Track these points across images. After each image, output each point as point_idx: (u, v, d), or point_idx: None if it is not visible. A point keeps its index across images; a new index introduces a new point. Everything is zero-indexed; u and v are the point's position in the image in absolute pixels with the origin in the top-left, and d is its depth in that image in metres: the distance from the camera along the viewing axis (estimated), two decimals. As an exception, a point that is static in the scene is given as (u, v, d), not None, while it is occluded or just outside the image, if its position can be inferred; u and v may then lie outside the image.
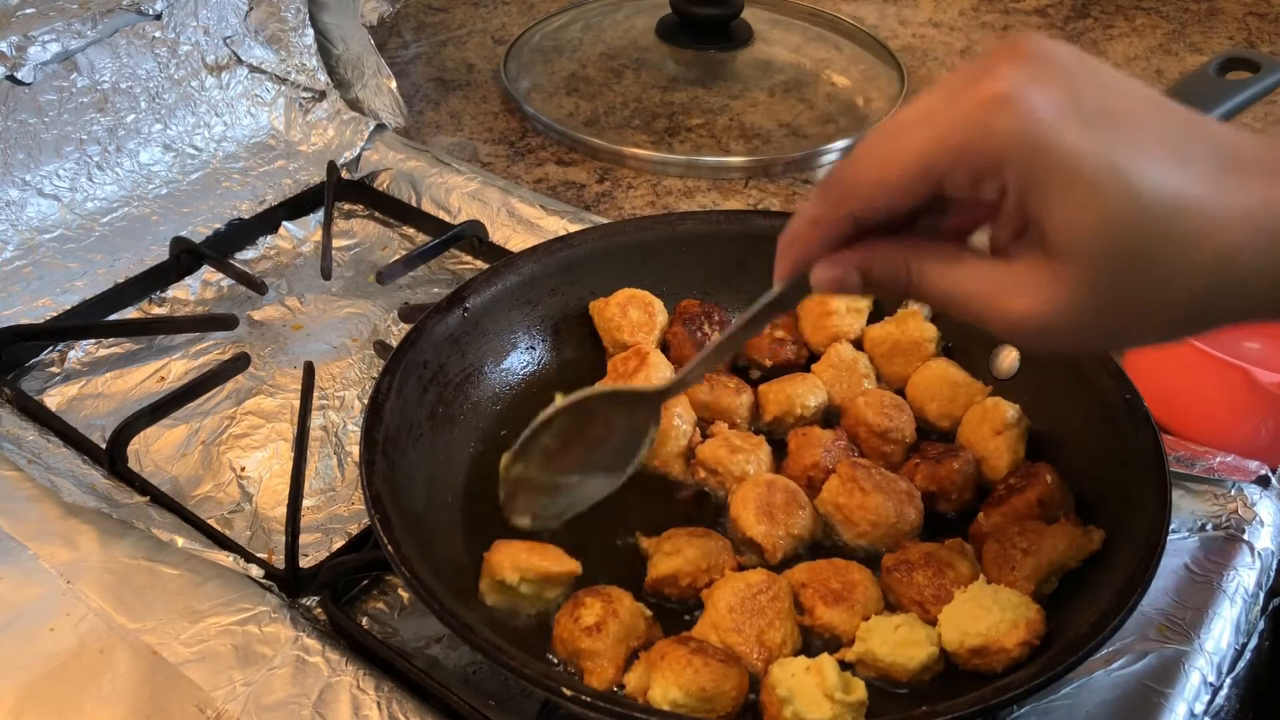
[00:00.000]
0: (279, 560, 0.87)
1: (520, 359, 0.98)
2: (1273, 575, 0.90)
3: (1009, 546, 0.79)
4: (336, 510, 0.94)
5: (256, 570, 0.84)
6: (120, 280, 1.14)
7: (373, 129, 1.33)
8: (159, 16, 1.25)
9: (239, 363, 1.04)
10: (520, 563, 0.77)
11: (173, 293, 1.16)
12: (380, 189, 1.29)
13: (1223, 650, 0.83)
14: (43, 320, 1.10)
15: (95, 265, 1.16)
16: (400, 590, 0.86)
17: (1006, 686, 0.68)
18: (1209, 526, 0.90)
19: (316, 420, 1.00)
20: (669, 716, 0.69)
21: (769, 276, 0.65)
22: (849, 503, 0.84)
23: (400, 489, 0.80)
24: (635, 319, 0.98)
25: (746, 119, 1.45)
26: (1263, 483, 0.93)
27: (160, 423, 0.99)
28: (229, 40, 1.32)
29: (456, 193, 1.26)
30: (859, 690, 0.70)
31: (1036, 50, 0.52)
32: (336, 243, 1.22)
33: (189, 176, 1.28)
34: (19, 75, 1.14)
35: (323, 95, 1.36)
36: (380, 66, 1.38)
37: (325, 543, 0.90)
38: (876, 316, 1.00)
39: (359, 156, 1.32)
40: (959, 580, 0.78)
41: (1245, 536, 0.89)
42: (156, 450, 0.98)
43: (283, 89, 1.36)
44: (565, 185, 1.34)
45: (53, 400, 1.03)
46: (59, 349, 1.08)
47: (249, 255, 1.21)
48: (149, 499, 0.91)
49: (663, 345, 0.99)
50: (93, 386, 1.05)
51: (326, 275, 1.16)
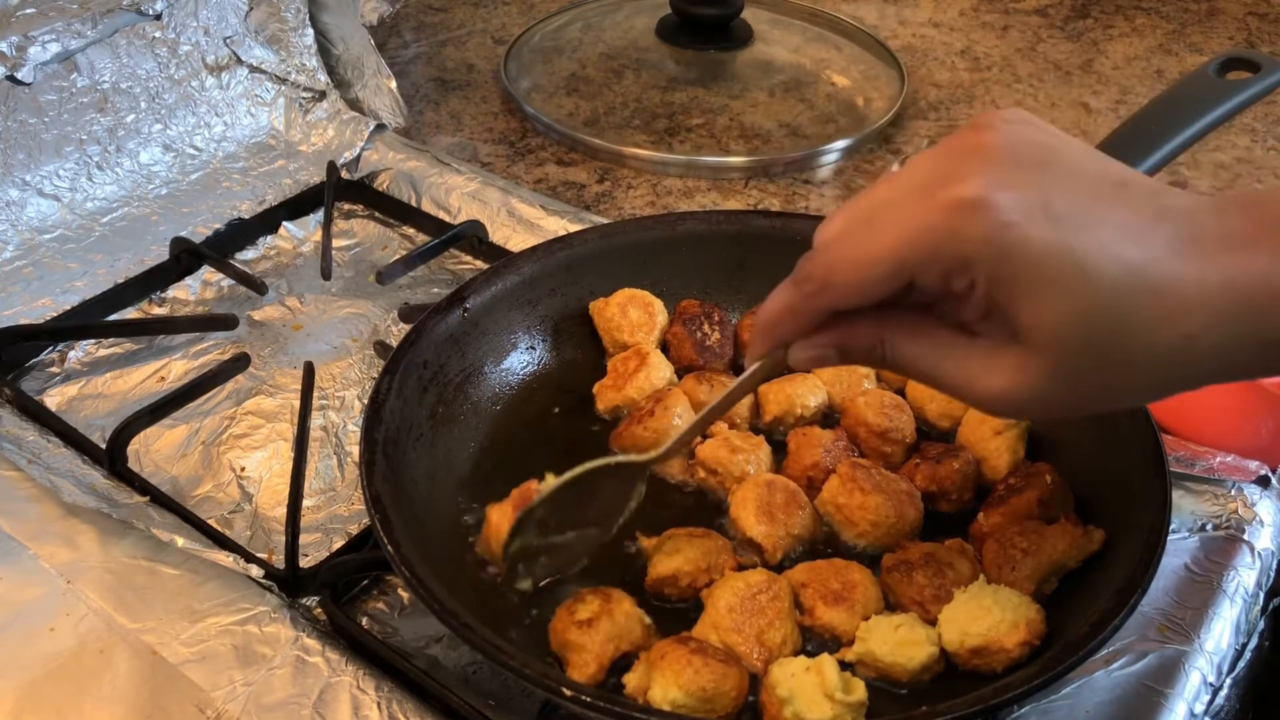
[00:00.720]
0: (279, 560, 0.87)
1: (520, 359, 0.98)
2: (1273, 575, 0.90)
3: (1009, 546, 0.79)
4: (336, 510, 0.94)
5: (256, 570, 0.84)
6: (120, 280, 1.14)
7: (373, 129, 1.33)
8: (159, 16, 1.25)
9: (239, 363, 1.04)
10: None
11: (173, 293, 1.16)
12: (380, 189, 1.29)
13: (1223, 650, 0.83)
14: (43, 320, 1.10)
15: (95, 265, 1.16)
16: (400, 590, 0.86)
17: (1006, 686, 0.68)
18: (1209, 526, 0.90)
19: (316, 420, 1.00)
20: (669, 716, 0.69)
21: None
22: (849, 503, 0.84)
23: (400, 489, 0.80)
24: (635, 319, 0.98)
25: (746, 119, 1.45)
26: (1263, 483, 0.93)
27: (160, 423, 0.99)
28: (229, 40, 1.32)
29: (456, 193, 1.26)
30: (859, 690, 0.70)
31: (1005, 142, 0.54)
32: (336, 243, 1.22)
33: (189, 176, 1.28)
34: (19, 75, 1.14)
35: (323, 95, 1.36)
36: (380, 66, 1.38)
37: (325, 543, 0.90)
38: (876, 316, 1.00)
39: (359, 156, 1.32)
40: (959, 580, 0.78)
41: (1245, 536, 0.89)
42: (156, 450, 0.98)
43: (283, 89, 1.36)
44: (565, 185, 1.34)
45: (53, 400, 1.03)
46: (59, 349, 1.08)
47: (249, 255, 1.21)
48: (149, 499, 0.91)
49: (663, 345, 0.99)
50: (93, 386, 1.05)
51: (326, 275, 1.16)
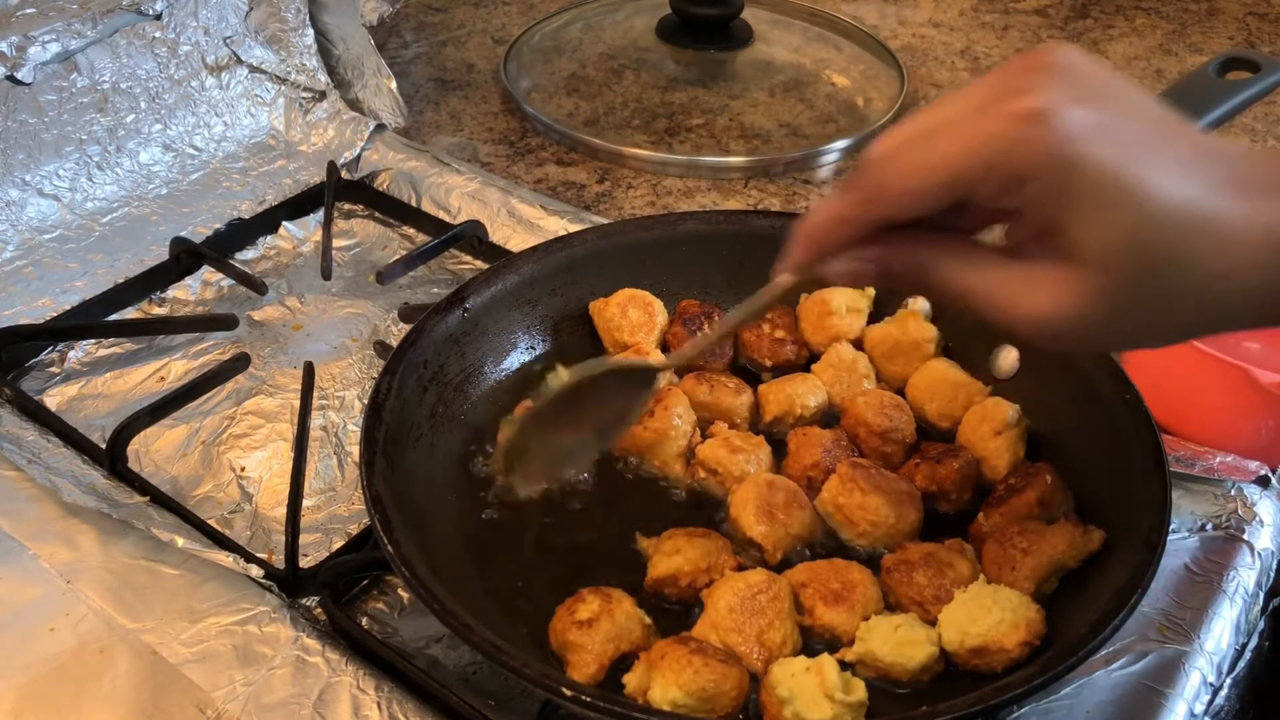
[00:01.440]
0: (279, 560, 0.87)
1: (520, 359, 0.98)
2: (1273, 575, 0.90)
3: (1009, 546, 0.79)
4: (336, 510, 0.94)
5: (256, 570, 0.84)
6: (120, 280, 1.14)
7: (373, 129, 1.33)
8: (159, 16, 1.25)
9: (239, 363, 1.04)
10: None
11: (173, 293, 1.16)
12: (380, 189, 1.29)
13: (1223, 650, 0.83)
14: (43, 320, 1.10)
15: (95, 265, 1.16)
16: (400, 590, 0.86)
17: (1006, 686, 0.68)
18: (1209, 526, 0.90)
19: (316, 420, 1.00)
20: (669, 716, 0.69)
21: (768, 275, 0.66)
22: (849, 503, 0.84)
23: (400, 489, 0.80)
24: (635, 319, 0.98)
25: (746, 119, 1.45)
26: (1263, 483, 0.93)
27: (160, 423, 0.99)
28: (229, 40, 1.32)
29: (456, 193, 1.26)
30: (859, 690, 0.70)
31: (1065, 64, 0.54)
32: (336, 243, 1.22)
33: (189, 176, 1.28)
34: (19, 75, 1.14)
35: (323, 95, 1.36)
36: (380, 66, 1.38)
37: (325, 543, 0.90)
38: (876, 317, 1.00)
39: (359, 156, 1.32)
40: (959, 580, 0.78)
41: (1245, 536, 0.89)
42: (156, 450, 0.98)
43: (283, 89, 1.36)
44: (565, 185, 1.34)
45: (53, 400, 1.03)
46: (59, 349, 1.08)
47: (249, 255, 1.21)
48: (149, 499, 0.91)
49: (663, 345, 0.99)
50: (93, 386, 1.05)
51: (326, 275, 1.16)
